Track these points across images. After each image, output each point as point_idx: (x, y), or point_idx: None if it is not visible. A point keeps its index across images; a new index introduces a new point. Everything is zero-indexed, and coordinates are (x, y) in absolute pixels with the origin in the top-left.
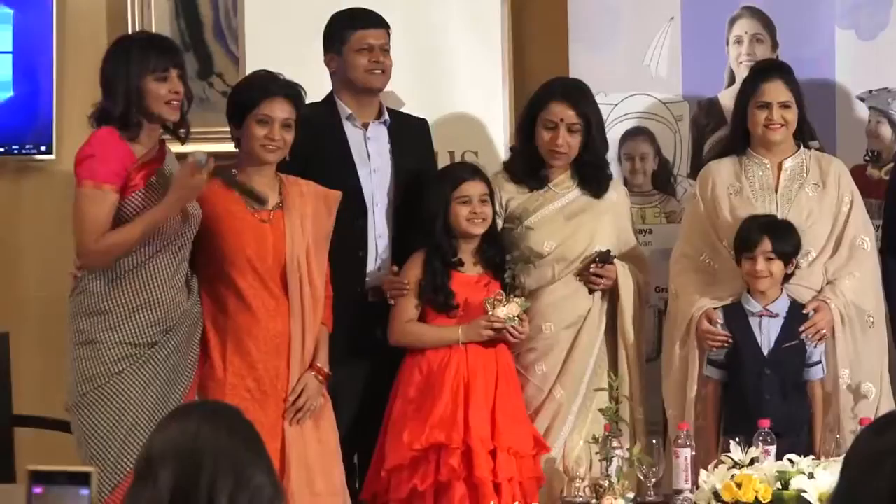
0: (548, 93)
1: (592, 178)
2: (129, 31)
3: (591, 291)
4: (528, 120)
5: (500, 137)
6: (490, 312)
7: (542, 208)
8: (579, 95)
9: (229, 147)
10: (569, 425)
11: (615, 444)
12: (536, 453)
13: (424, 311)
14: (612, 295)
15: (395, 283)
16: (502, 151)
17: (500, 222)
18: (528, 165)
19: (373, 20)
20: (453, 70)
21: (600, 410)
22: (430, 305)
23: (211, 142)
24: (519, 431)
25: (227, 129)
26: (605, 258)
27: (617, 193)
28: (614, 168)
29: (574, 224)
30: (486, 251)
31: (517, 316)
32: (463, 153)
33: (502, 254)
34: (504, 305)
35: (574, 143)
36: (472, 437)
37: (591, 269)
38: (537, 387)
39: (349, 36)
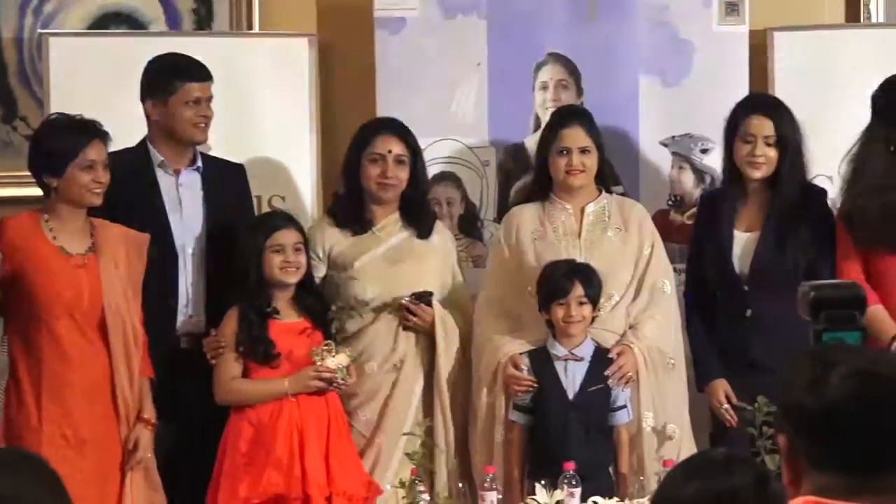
0: (375, 128)
1: (417, 215)
2: None
3: (404, 328)
4: (352, 160)
5: (306, 182)
6: (318, 363)
7: (365, 254)
8: (405, 129)
9: (34, 191)
10: (392, 471)
11: (421, 488)
12: (369, 496)
13: (247, 365)
14: (433, 341)
15: (211, 343)
16: (309, 196)
17: (323, 268)
18: (352, 210)
19: (201, 73)
20: (260, 114)
21: (407, 455)
22: (250, 359)
23: (14, 186)
24: (352, 475)
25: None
26: (422, 297)
27: (441, 237)
28: None
29: (397, 270)
30: (303, 298)
31: (346, 367)
32: (270, 198)
33: (321, 301)
34: (333, 356)
35: (403, 177)
36: (310, 485)
37: (404, 302)
38: (360, 433)
39: (176, 87)
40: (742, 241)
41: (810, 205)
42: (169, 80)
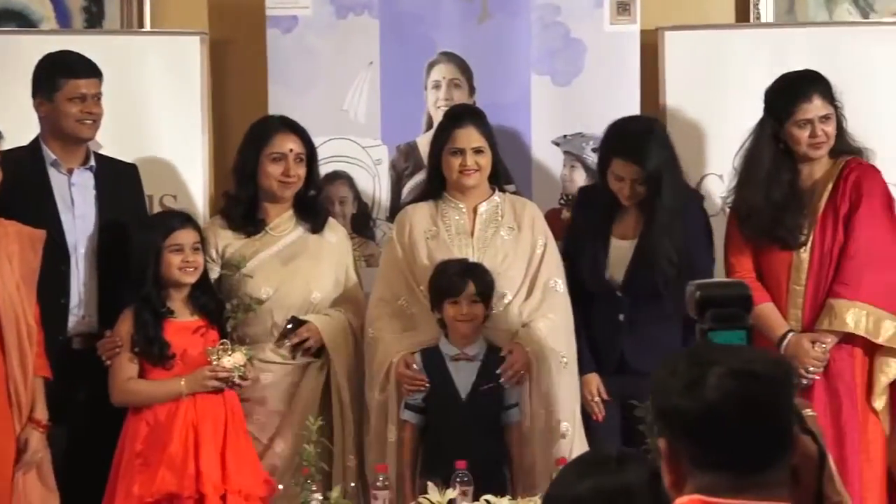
0: (272, 126)
1: (311, 211)
2: None
3: (303, 354)
4: (250, 159)
5: (198, 181)
6: (215, 362)
7: (259, 253)
8: (300, 127)
9: None
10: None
11: (314, 488)
12: (267, 494)
13: (142, 365)
14: None
15: (106, 344)
16: (201, 195)
17: (217, 269)
18: (245, 210)
19: (87, 69)
20: (151, 113)
21: (300, 455)
22: (145, 359)
23: None
24: (249, 473)
25: None
26: (295, 324)
27: (338, 236)
28: None
29: (292, 268)
30: (198, 298)
31: (242, 365)
32: (161, 197)
33: (216, 300)
34: (229, 355)
35: (302, 175)
36: (204, 484)
37: (290, 344)
38: (255, 437)
39: (62, 84)
40: (618, 249)
41: (687, 212)
42: (55, 77)
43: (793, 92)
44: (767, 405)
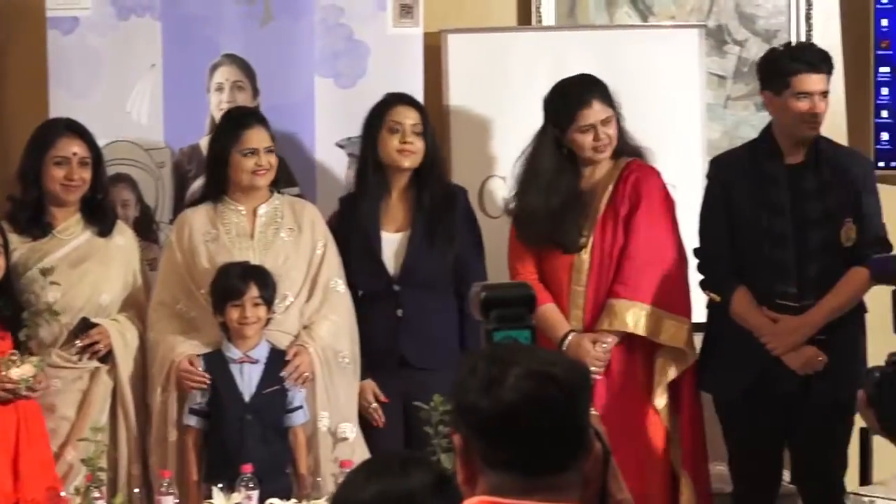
0: (56, 130)
1: (99, 215)
2: None
3: (98, 360)
4: (33, 162)
5: None
6: (3, 373)
7: (46, 258)
8: (85, 130)
9: None
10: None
11: (97, 494)
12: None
13: None
14: None
15: None
16: None
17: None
18: (31, 213)
19: None
20: None
21: (83, 461)
22: None
23: None
24: (44, 481)
25: None
26: (84, 327)
27: (126, 239)
28: None
29: (79, 272)
30: None
31: (32, 377)
32: None
33: (11, 305)
34: (17, 366)
35: (87, 178)
36: None
37: (80, 345)
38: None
39: None
40: (391, 242)
41: (455, 205)
42: None
43: (572, 99)
44: (564, 408)
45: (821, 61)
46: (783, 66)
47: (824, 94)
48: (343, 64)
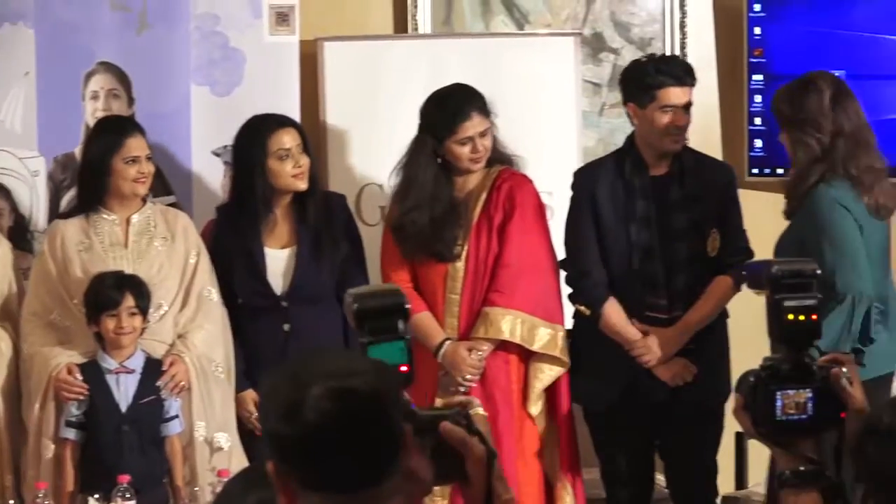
0: None
1: None
2: None
3: None
4: None
5: None
6: None
7: None
8: None
9: None
10: None
11: None
12: None
13: None
14: None
15: None
16: None
17: None
18: None
19: None
20: None
21: None
22: None
23: None
24: None
25: None
26: None
27: (2, 248)
28: None
29: None
30: None
31: None
32: None
33: None
34: None
35: None
36: None
37: None
38: None
39: None
40: (278, 259)
41: (337, 212)
42: None
43: (451, 111)
44: (369, 421)
45: (685, 74)
46: (649, 79)
47: (688, 106)
48: (219, 72)
